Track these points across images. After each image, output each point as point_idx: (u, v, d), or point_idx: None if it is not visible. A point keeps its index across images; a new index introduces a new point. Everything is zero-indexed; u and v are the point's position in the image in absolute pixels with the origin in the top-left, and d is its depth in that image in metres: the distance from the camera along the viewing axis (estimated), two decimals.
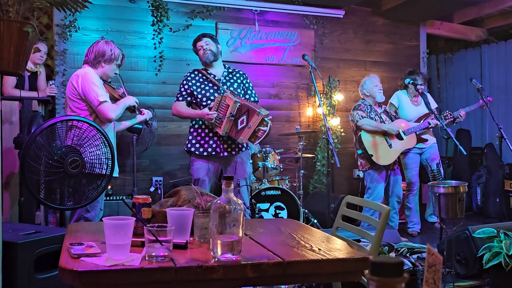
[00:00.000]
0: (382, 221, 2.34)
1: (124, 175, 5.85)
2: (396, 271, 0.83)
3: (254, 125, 4.03)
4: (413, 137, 5.56)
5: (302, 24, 6.71)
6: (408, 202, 5.93)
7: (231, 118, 4.06)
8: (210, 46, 4.34)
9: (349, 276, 1.93)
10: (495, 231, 3.87)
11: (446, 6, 6.85)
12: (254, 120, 4.03)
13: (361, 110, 5.46)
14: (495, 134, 5.69)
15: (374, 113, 5.48)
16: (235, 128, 4.11)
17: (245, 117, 4.07)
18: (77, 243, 1.88)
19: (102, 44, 3.91)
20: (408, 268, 3.58)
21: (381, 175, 5.40)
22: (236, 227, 1.75)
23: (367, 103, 5.54)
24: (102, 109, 3.71)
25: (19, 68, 2.54)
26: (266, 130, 4.07)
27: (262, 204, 5.19)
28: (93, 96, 3.71)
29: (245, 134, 4.07)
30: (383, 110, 5.61)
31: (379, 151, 5.35)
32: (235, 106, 4.05)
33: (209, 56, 4.32)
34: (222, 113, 4.09)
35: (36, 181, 3.33)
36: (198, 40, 4.41)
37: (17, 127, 4.56)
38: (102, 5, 5.75)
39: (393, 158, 5.40)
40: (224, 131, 4.10)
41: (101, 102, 3.70)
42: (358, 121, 5.40)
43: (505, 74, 7.50)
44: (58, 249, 2.38)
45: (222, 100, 4.10)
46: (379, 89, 5.51)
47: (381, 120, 5.47)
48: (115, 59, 3.93)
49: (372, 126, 5.37)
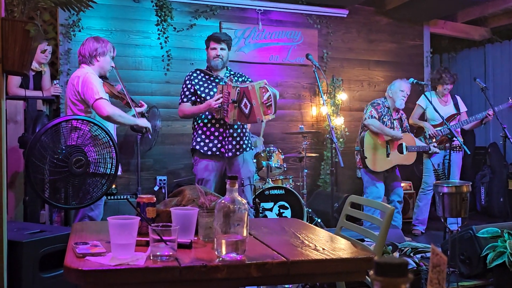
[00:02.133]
0: (386, 220, 2.34)
1: (129, 174, 5.87)
2: (401, 272, 0.83)
3: (255, 98, 3.87)
4: (413, 155, 5.49)
5: (306, 24, 6.71)
6: (418, 200, 5.95)
7: (234, 104, 3.99)
8: (223, 53, 4.29)
9: (353, 276, 1.93)
10: (499, 231, 3.87)
11: (449, 6, 6.84)
12: (252, 95, 3.88)
13: (375, 109, 5.39)
14: (499, 134, 5.68)
15: (388, 117, 5.42)
16: (242, 114, 3.99)
17: (245, 100, 3.95)
18: (82, 242, 1.89)
19: (91, 41, 3.96)
20: (412, 268, 3.58)
21: (377, 176, 5.38)
22: (240, 227, 1.76)
23: (386, 103, 5.49)
24: (98, 104, 3.70)
25: (24, 68, 2.56)
26: (271, 93, 3.87)
27: (266, 203, 5.20)
28: (91, 94, 3.72)
29: (257, 112, 3.87)
30: (398, 117, 5.54)
31: (375, 155, 5.32)
32: (234, 92, 3.96)
33: (218, 64, 4.29)
34: (225, 101, 4.03)
35: (40, 180, 3.34)
36: (216, 41, 4.30)
37: (22, 127, 4.57)
38: (106, 4, 5.76)
39: (386, 167, 5.34)
40: (232, 118, 4.02)
41: (97, 98, 3.70)
42: (366, 119, 5.38)
43: (509, 74, 7.48)
44: (63, 248, 2.38)
45: (224, 89, 4.04)
46: (403, 96, 5.41)
47: (392, 126, 5.41)
48: (108, 51, 3.97)
49: (378, 128, 5.31)
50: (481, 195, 7.18)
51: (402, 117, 5.60)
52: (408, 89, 5.46)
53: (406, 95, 5.45)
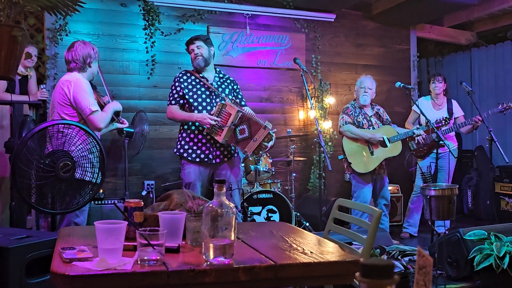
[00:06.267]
0: (374, 224, 2.35)
1: (116, 179, 5.84)
2: (386, 273, 0.84)
3: (260, 138, 3.98)
4: (398, 145, 5.47)
5: (293, 28, 6.73)
6: (410, 202, 5.99)
7: (232, 127, 4.04)
8: (201, 50, 4.25)
9: (341, 279, 1.93)
10: (486, 233, 3.90)
11: (436, 10, 6.89)
12: (260, 134, 3.98)
13: (347, 114, 5.42)
14: (485, 137, 5.72)
15: (362, 116, 5.43)
16: (235, 137, 4.07)
17: (245, 127, 4.03)
18: (69, 248, 1.88)
19: (82, 46, 3.91)
20: (400, 271, 3.59)
21: (365, 179, 5.39)
22: (228, 231, 1.76)
23: (356, 105, 5.52)
24: (93, 118, 3.73)
25: (10, 72, 2.54)
26: (271, 145, 4.08)
27: (254, 207, 5.20)
28: (85, 105, 3.72)
29: (250, 147, 4.02)
30: (374, 113, 5.54)
31: (358, 158, 5.32)
32: (237, 116, 4.00)
33: (200, 62, 4.26)
34: (222, 121, 4.04)
35: (27, 185, 3.32)
36: (190, 42, 4.32)
37: (8, 131, 4.53)
38: (94, 9, 5.74)
39: (374, 165, 5.33)
40: (224, 139, 4.06)
41: (93, 111, 3.72)
42: (341, 126, 5.39)
43: (494, 77, 7.56)
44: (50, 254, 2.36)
45: (222, 108, 4.05)
46: (365, 91, 5.42)
47: (370, 124, 5.43)
48: (98, 56, 3.99)
49: (354, 133, 5.33)
50: (468, 198, 7.23)
51: (379, 112, 5.59)
52: (371, 84, 5.48)
53: (369, 90, 5.44)
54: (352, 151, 5.35)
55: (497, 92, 7.44)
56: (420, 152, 5.84)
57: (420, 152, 5.84)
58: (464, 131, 6.00)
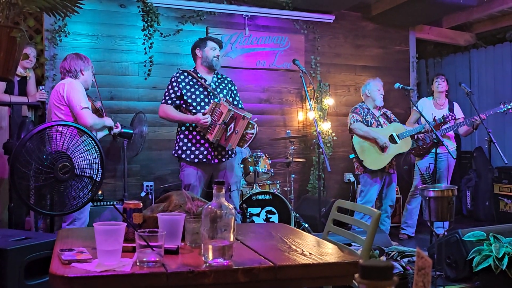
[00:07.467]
0: (373, 225, 2.35)
1: (115, 180, 5.83)
2: (386, 274, 0.84)
3: (241, 129, 4.07)
4: (408, 140, 5.51)
5: (293, 29, 6.73)
6: (408, 203, 5.99)
7: (223, 126, 4.06)
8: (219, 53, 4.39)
9: (340, 280, 1.93)
10: (484, 234, 3.90)
11: (435, 11, 6.90)
12: (240, 125, 4.06)
13: (356, 113, 5.45)
14: (484, 138, 5.72)
15: (371, 116, 5.47)
16: (223, 135, 4.12)
17: (233, 124, 4.09)
18: (68, 249, 1.87)
19: (73, 56, 4.17)
20: (399, 272, 3.59)
21: (375, 179, 5.39)
22: (227, 232, 1.75)
23: (365, 106, 5.54)
24: (82, 114, 3.89)
25: (8, 74, 2.54)
26: (254, 132, 4.16)
27: (253, 208, 5.19)
28: (77, 101, 3.90)
29: (234, 140, 4.10)
30: (381, 114, 5.59)
31: (369, 156, 5.35)
32: (228, 114, 4.05)
33: (218, 64, 4.37)
34: (215, 120, 4.08)
35: (26, 186, 3.32)
36: (216, 42, 4.39)
37: (7, 133, 4.53)
38: (92, 10, 5.74)
39: (385, 162, 5.35)
40: (215, 138, 4.09)
41: (83, 107, 3.91)
42: (351, 124, 5.42)
43: (493, 78, 7.56)
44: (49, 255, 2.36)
45: (216, 107, 4.10)
46: (381, 94, 5.52)
47: (378, 124, 5.46)
48: (90, 65, 4.21)
49: (363, 131, 5.37)
50: (467, 199, 7.23)
51: (386, 112, 5.67)
52: (382, 86, 5.59)
53: (382, 93, 5.56)
54: (363, 148, 5.37)
55: (496, 93, 7.44)
56: (419, 150, 5.85)
57: (419, 150, 5.85)
58: (463, 134, 6.00)
